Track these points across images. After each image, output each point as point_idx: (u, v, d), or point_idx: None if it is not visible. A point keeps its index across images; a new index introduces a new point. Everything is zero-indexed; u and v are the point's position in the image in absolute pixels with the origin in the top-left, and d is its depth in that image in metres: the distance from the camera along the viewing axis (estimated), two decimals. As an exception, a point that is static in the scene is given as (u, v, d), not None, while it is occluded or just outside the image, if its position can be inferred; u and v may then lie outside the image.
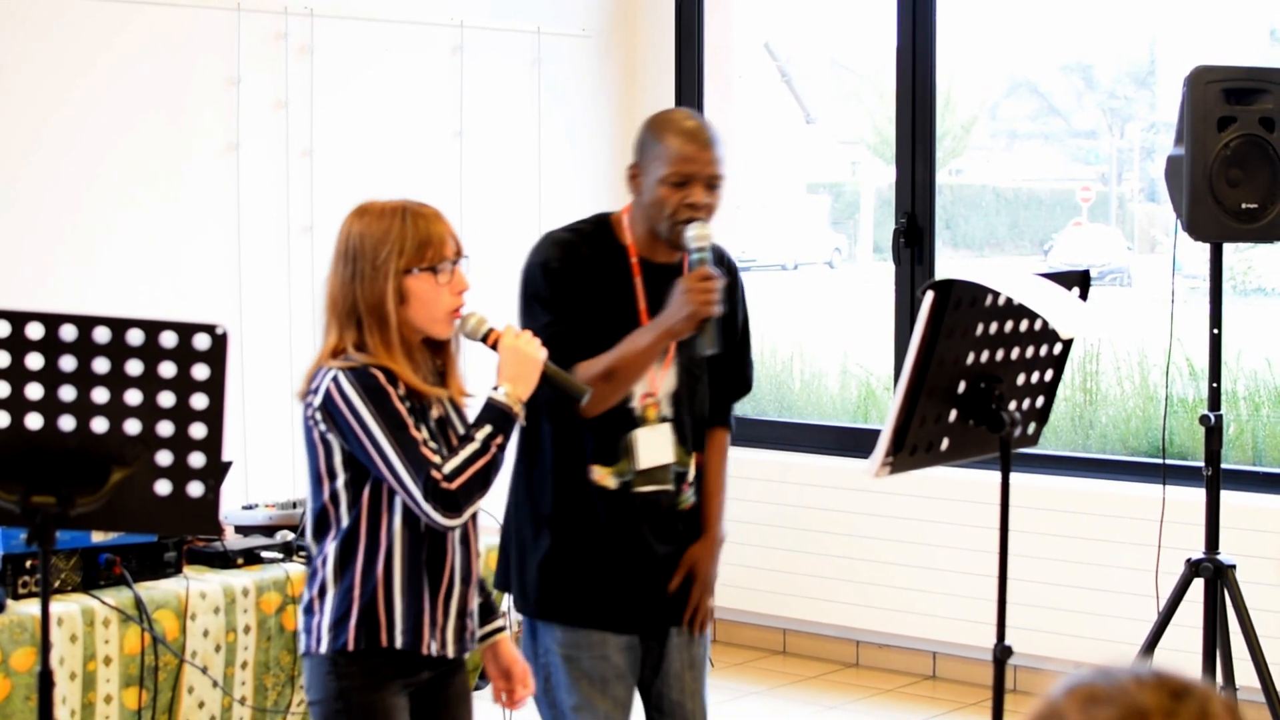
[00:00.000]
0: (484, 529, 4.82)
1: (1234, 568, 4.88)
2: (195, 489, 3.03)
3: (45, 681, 3.03)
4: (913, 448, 3.45)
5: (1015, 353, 3.54)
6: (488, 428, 3.31)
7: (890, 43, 6.60)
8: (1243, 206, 4.82)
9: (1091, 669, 1.63)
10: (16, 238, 5.53)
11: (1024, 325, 3.53)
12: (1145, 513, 5.43)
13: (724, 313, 3.73)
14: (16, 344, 2.94)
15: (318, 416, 3.33)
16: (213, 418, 3.01)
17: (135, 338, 2.97)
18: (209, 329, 2.99)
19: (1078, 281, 3.61)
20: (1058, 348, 3.65)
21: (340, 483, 3.35)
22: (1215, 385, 4.93)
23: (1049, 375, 3.67)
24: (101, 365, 2.96)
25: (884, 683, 6.50)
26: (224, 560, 4.50)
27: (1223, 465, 4.97)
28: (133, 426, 2.98)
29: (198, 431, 3.01)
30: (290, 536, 4.66)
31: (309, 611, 3.40)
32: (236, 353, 5.56)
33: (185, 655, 4.26)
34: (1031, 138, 8.43)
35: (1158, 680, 1.58)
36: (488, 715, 3.78)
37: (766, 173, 8.85)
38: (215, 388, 3.00)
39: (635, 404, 3.80)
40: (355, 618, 3.33)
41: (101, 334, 2.96)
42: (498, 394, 3.35)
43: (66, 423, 2.97)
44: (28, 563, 4.15)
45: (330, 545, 3.37)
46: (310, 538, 3.44)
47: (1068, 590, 6.06)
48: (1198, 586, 4.91)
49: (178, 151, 5.87)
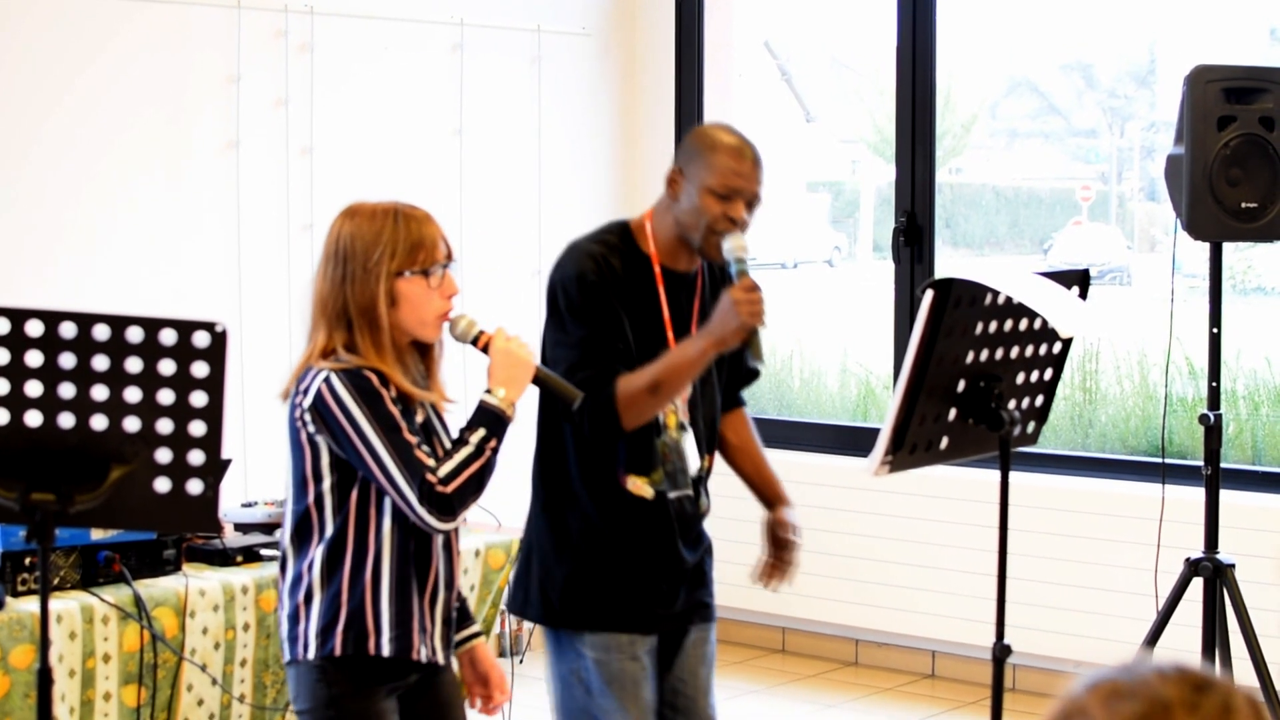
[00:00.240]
0: (479, 526, 4.83)
1: (1233, 567, 4.89)
2: (194, 486, 3.03)
3: (44, 679, 3.03)
4: (912, 446, 3.45)
5: (1015, 351, 3.54)
6: (481, 431, 3.28)
7: (890, 41, 6.60)
8: (1242, 206, 4.82)
9: (1112, 666, 1.62)
10: (16, 235, 5.52)
11: (1023, 324, 3.53)
12: (1144, 512, 5.43)
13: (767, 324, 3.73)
14: (16, 341, 2.94)
15: (307, 418, 3.29)
16: (212, 415, 3.00)
17: (135, 335, 2.96)
18: (209, 326, 2.98)
19: (1077, 280, 3.61)
20: (1057, 347, 3.65)
21: (327, 485, 3.31)
22: (1215, 384, 4.93)
23: (1048, 374, 3.67)
24: (101, 363, 2.96)
25: (883, 681, 6.49)
26: (223, 558, 4.50)
27: (1222, 464, 4.98)
28: (132, 424, 2.98)
29: (197, 429, 3.00)
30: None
31: (294, 619, 3.35)
32: (236, 350, 5.56)
33: (184, 653, 4.26)
34: (1031, 137, 8.43)
35: (1180, 674, 1.58)
36: None
37: (766, 171, 8.84)
38: (215, 385, 2.99)
39: (661, 412, 3.79)
40: (343, 623, 3.30)
41: (101, 331, 2.96)
42: (490, 397, 3.32)
43: (66, 420, 2.97)
44: (27, 560, 4.14)
45: (317, 550, 3.32)
46: (288, 541, 3.37)
47: (1067, 589, 6.06)
48: (1197, 585, 4.91)
49: (178, 149, 5.87)
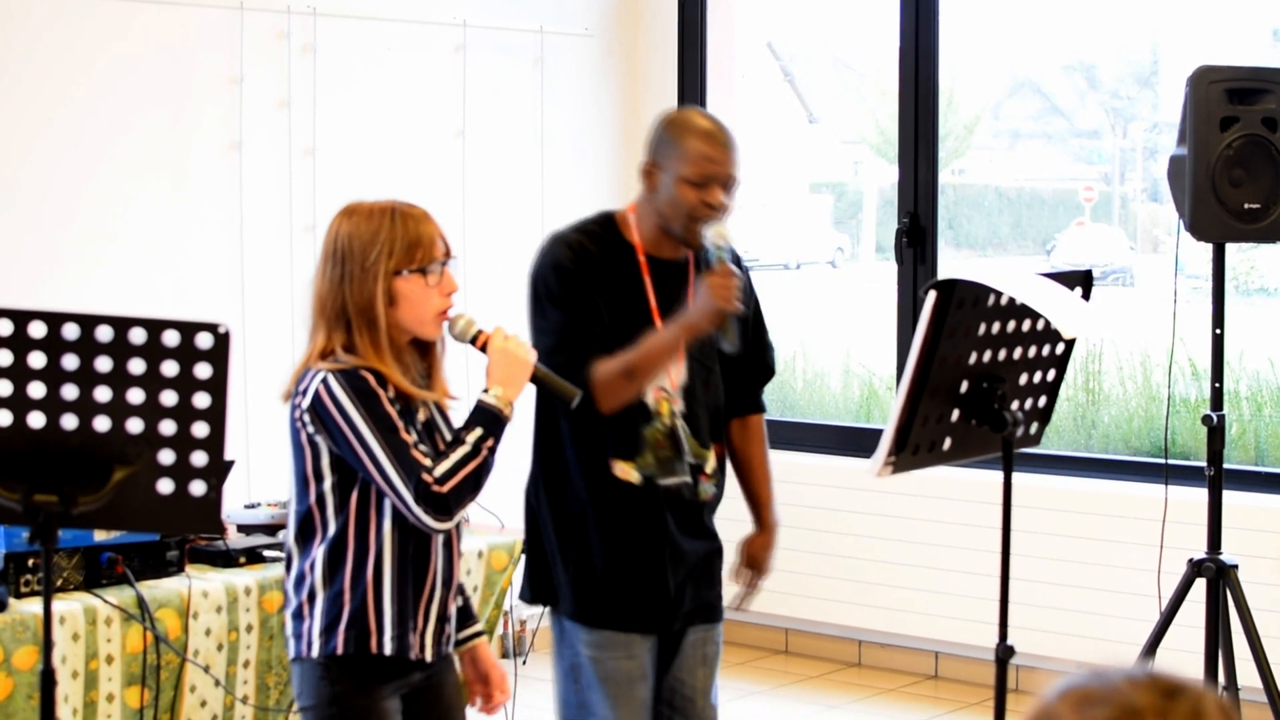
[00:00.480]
0: (482, 527, 4.83)
1: (1236, 568, 4.88)
2: (197, 488, 3.03)
3: (47, 680, 3.03)
4: (915, 447, 3.45)
5: (1018, 352, 3.54)
6: (478, 430, 3.29)
7: (893, 42, 6.60)
8: (1245, 206, 4.82)
9: (1085, 671, 1.63)
10: (19, 236, 5.53)
11: (1026, 325, 3.53)
12: (1147, 513, 5.43)
13: (744, 311, 3.75)
14: (19, 342, 2.94)
15: (306, 418, 3.30)
16: (215, 416, 3.00)
17: (138, 336, 2.96)
18: (211, 328, 2.98)
19: (1080, 281, 3.61)
20: (1060, 347, 3.65)
21: (327, 485, 3.32)
22: (1218, 385, 4.93)
23: (1051, 375, 3.67)
24: (104, 364, 2.96)
25: (886, 682, 6.49)
26: (226, 559, 4.50)
27: (1225, 465, 4.97)
28: (135, 425, 2.98)
29: (200, 430, 3.00)
30: (292, 535, 4.65)
31: (298, 617, 3.37)
32: (239, 352, 5.55)
33: (187, 654, 4.26)
34: (1034, 137, 8.43)
35: (1151, 680, 1.58)
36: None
37: (769, 172, 8.84)
38: (218, 386, 2.99)
39: (649, 398, 3.80)
40: (345, 622, 3.31)
41: (104, 332, 2.96)
42: (487, 396, 3.32)
43: (69, 421, 2.97)
44: (30, 561, 4.14)
45: (318, 550, 3.34)
46: (291, 540, 3.39)
47: (1070, 590, 6.06)
48: (1200, 586, 4.91)
49: (180, 150, 5.87)
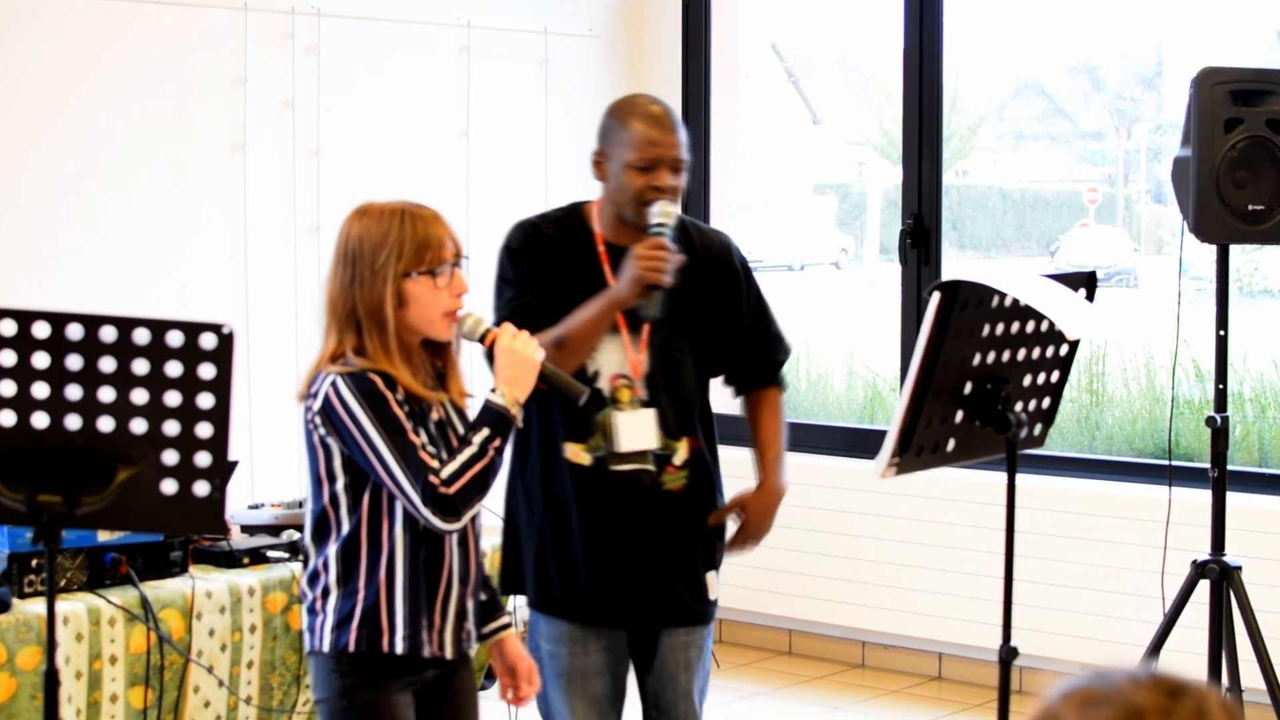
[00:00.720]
0: (489, 529, 4.83)
1: (1239, 569, 4.88)
2: (201, 488, 3.03)
3: (51, 680, 3.03)
4: (919, 448, 3.45)
5: (1021, 354, 3.54)
6: (485, 430, 3.30)
7: (897, 44, 6.59)
8: (1249, 208, 4.81)
9: (1087, 672, 1.63)
10: (23, 236, 5.53)
11: (1030, 326, 3.52)
12: (1151, 514, 5.43)
13: (672, 284, 3.70)
14: (23, 343, 2.94)
15: (317, 421, 3.33)
16: (219, 417, 3.01)
17: (141, 337, 2.96)
18: (215, 328, 2.98)
19: (1084, 283, 3.61)
20: (1064, 349, 3.65)
21: (340, 486, 3.35)
22: (1221, 387, 4.93)
23: (1055, 376, 3.67)
24: (108, 364, 2.96)
25: (889, 684, 6.49)
26: (230, 560, 4.50)
27: (1228, 467, 4.97)
28: (139, 426, 2.98)
29: (204, 431, 3.01)
30: (296, 536, 4.66)
31: (313, 611, 3.41)
32: (242, 352, 5.56)
33: (191, 655, 4.26)
34: (1038, 139, 8.43)
35: (1153, 680, 1.58)
36: (493, 712, 3.78)
37: (773, 173, 8.84)
38: (221, 387, 2.99)
39: (604, 383, 3.81)
40: (357, 620, 3.34)
41: (108, 333, 2.96)
42: (495, 396, 3.34)
43: (73, 422, 2.97)
44: (34, 562, 4.15)
45: (332, 549, 3.37)
46: (309, 538, 3.43)
47: (1073, 591, 6.05)
48: (1203, 588, 4.90)
49: (184, 151, 5.88)
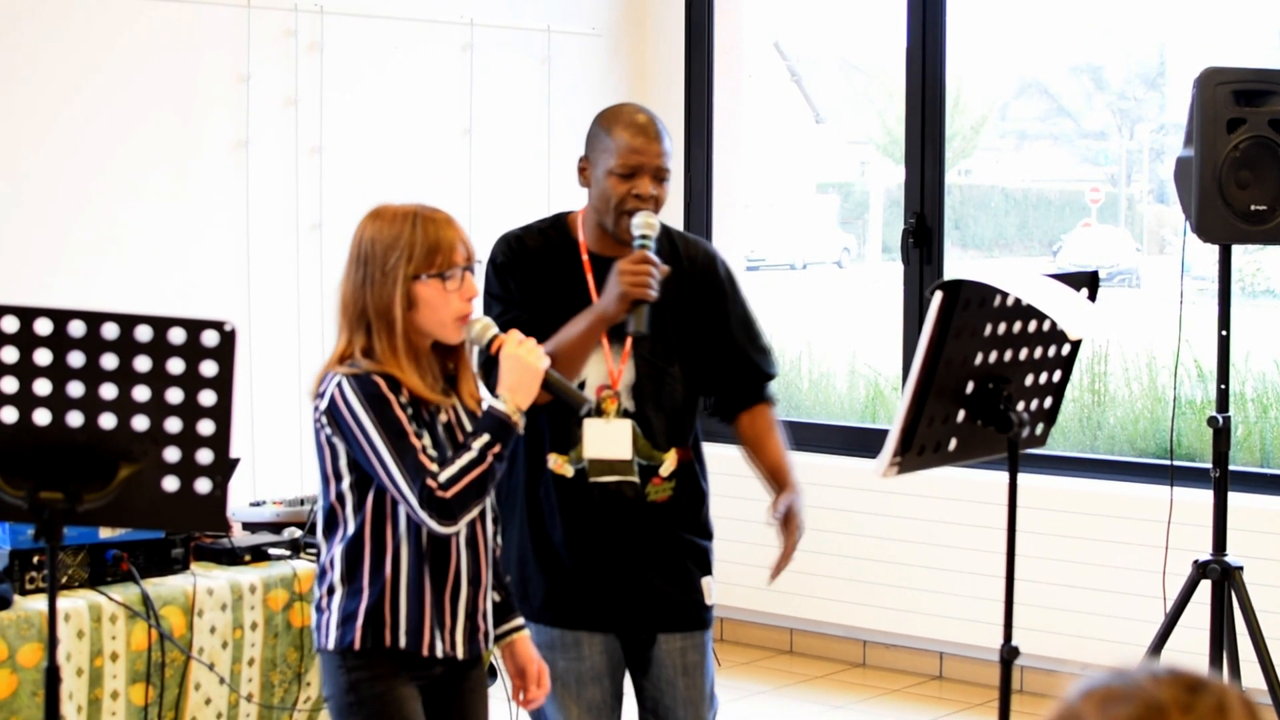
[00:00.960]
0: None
1: (1241, 569, 4.89)
2: (203, 485, 3.03)
3: (52, 677, 3.04)
4: (921, 448, 3.45)
5: (1024, 353, 3.54)
6: (485, 436, 3.31)
7: (900, 43, 6.59)
8: (1252, 208, 4.82)
9: (1106, 671, 1.63)
10: (26, 233, 5.53)
11: (1032, 326, 3.52)
12: (1153, 514, 5.43)
13: (658, 298, 3.68)
14: (25, 340, 2.94)
15: (323, 420, 3.36)
16: (221, 414, 3.01)
17: (144, 334, 2.96)
18: (217, 325, 2.98)
19: (1086, 282, 3.61)
20: (1066, 349, 3.65)
21: (346, 484, 3.38)
22: (1223, 387, 4.93)
23: (1057, 376, 3.66)
24: (110, 361, 2.96)
25: (891, 683, 6.49)
26: (231, 557, 4.50)
27: (1230, 467, 4.98)
28: (141, 423, 2.98)
29: (205, 428, 3.01)
30: (298, 534, 4.66)
31: (319, 609, 3.44)
32: (245, 349, 5.56)
33: (192, 652, 4.26)
34: (1041, 138, 8.43)
35: (1173, 676, 1.58)
36: (494, 712, 3.78)
37: (776, 172, 8.85)
38: (223, 384, 3.00)
39: (590, 395, 3.79)
40: (361, 618, 3.36)
41: (110, 330, 2.96)
42: (497, 402, 3.35)
43: (74, 419, 2.97)
44: (35, 559, 4.15)
45: (338, 547, 3.40)
46: (320, 535, 3.48)
47: (1075, 591, 6.05)
48: (1205, 588, 4.91)
49: (187, 148, 5.88)
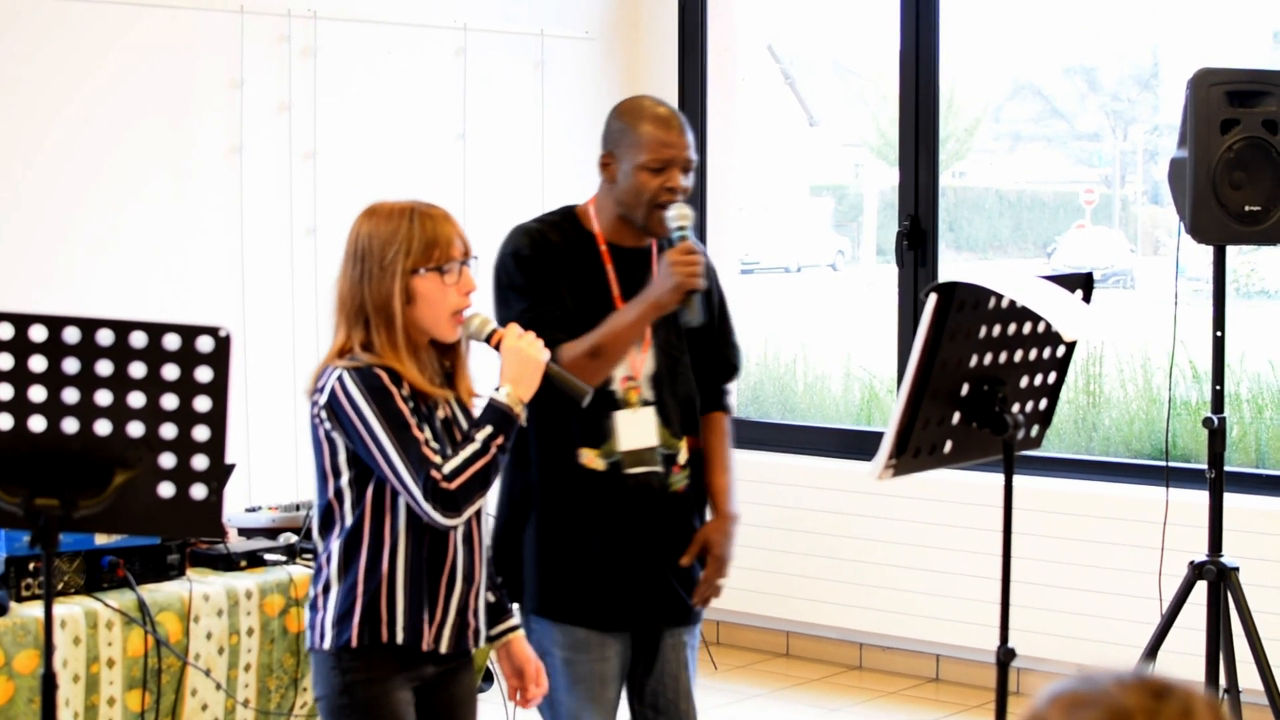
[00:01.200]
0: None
1: (1237, 570, 4.89)
2: (198, 491, 3.03)
3: (48, 684, 3.03)
4: (916, 450, 3.45)
5: (1018, 355, 3.54)
6: (488, 428, 3.33)
7: (893, 45, 6.60)
8: (1246, 209, 4.82)
9: (1073, 676, 1.63)
10: (20, 239, 5.53)
11: (1027, 328, 3.52)
12: (1148, 515, 5.43)
13: (707, 287, 3.80)
14: (20, 346, 2.94)
15: (323, 415, 3.37)
16: (216, 420, 3.01)
17: (138, 340, 2.96)
18: (212, 331, 2.99)
19: (1081, 284, 3.61)
20: (1061, 350, 3.65)
21: (344, 480, 3.38)
22: (1218, 388, 4.93)
23: (1052, 378, 3.67)
24: (105, 368, 2.96)
25: (887, 685, 6.49)
26: (227, 563, 4.50)
27: (1226, 468, 4.98)
28: (136, 429, 2.98)
29: (201, 434, 3.01)
30: (293, 539, 4.66)
31: (314, 608, 3.44)
32: (240, 355, 5.55)
33: (188, 658, 4.26)
34: (1034, 140, 8.43)
35: (1139, 682, 1.59)
36: (491, 715, 3.78)
37: (769, 175, 8.85)
38: (218, 390, 3.00)
39: (616, 386, 3.84)
40: (359, 614, 3.37)
41: (105, 336, 2.96)
42: (499, 395, 3.37)
43: (70, 425, 2.97)
44: (31, 565, 4.14)
45: (335, 543, 3.40)
46: (316, 534, 3.48)
47: (1071, 593, 6.06)
48: (1201, 589, 4.91)
49: (181, 154, 5.88)
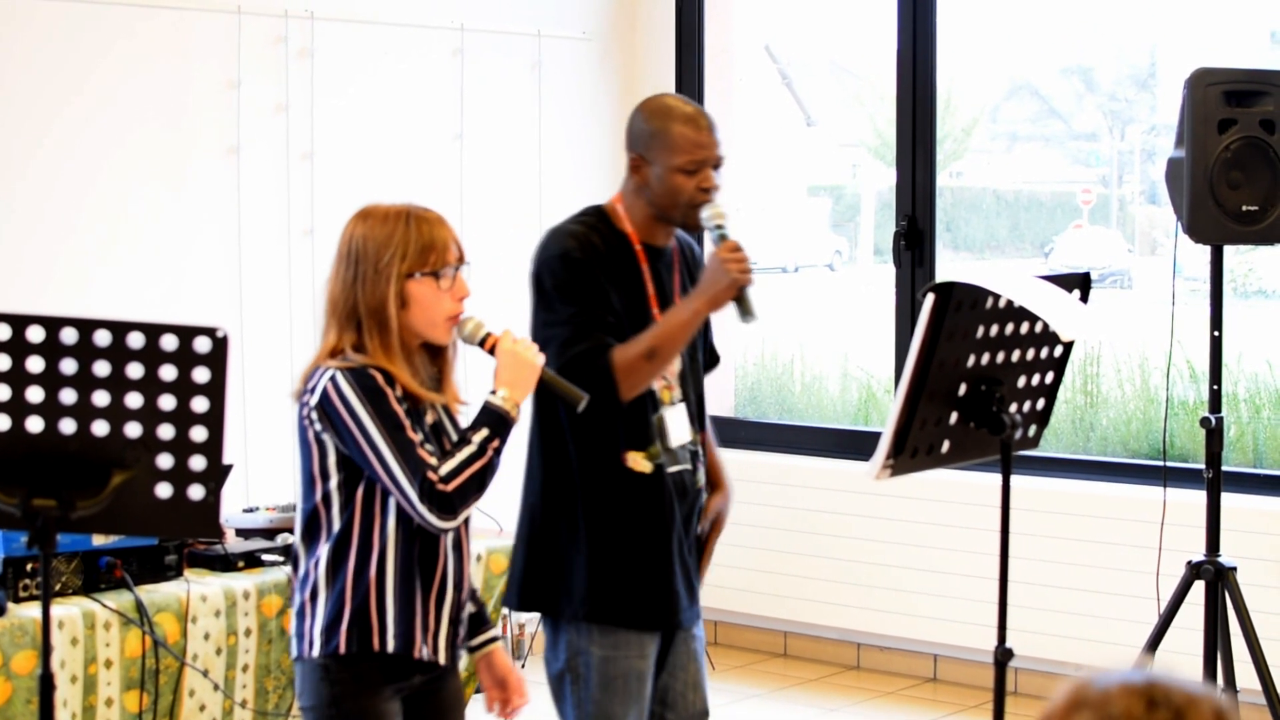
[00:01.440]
0: (481, 531, 4.82)
1: (1235, 570, 4.89)
2: (196, 492, 3.03)
3: (46, 684, 3.03)
4: (913, 450, 3.45)
5: (1016, 355, 3.54)
6: (484, 431, 3.32)
7: (891, 45, 6.60)
8: (1243, 209, 4.82)
9: (1088, 673, 1.61)
10: (18, 241, 5.53)
11: (1025, 328, 3.53)
12: (1146, 515, 5.43)
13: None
14: (17, 347, 2.94)
15: (313, 416, 3.33)
16: (213, 421, 3.01)
17: (136, 341, 2.96)
18: (209, 332, 2.98)
19: (1078, 284, 3.61)
20: (1058, 350, 3.65)
21: (333, 484, 3.35)
22: (1216, 387, 4.94)
23: (1050, 378, 3.67)
24: (102, 368, 2.96)
25: (885, 685, 6.49)
26: (225, 563, 4.50)
27: (1223, 467, 4.98)
28: (133, 430, 2.98)
29: (198, 435, 3.01)
30: (291, 539, 4.66)
31: (301, 615, 3.40)
32: (237, 356, 5.55)
33: (186, 658, 4.26)
34: (1032, 140, 8.43)
35: (1140, 687, 1.56)
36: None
37: (767, 175, 8.84)
38: (216, 391, 3.00)
39: (655, 386, 3.85)
40: (347, 621, 3.33)
41: (102, 337, 2.96)
42: (495, 398, 3.36)
43: (67, 426, 2.97)
44: (29, 566, 4.14)
45: (323, 548, 3.36)
46: (299, 539, 3.43)
47: (1069, 593, 6.06)
48: (1198, 589, 4.91)
49: (179, 155, 5.87)
